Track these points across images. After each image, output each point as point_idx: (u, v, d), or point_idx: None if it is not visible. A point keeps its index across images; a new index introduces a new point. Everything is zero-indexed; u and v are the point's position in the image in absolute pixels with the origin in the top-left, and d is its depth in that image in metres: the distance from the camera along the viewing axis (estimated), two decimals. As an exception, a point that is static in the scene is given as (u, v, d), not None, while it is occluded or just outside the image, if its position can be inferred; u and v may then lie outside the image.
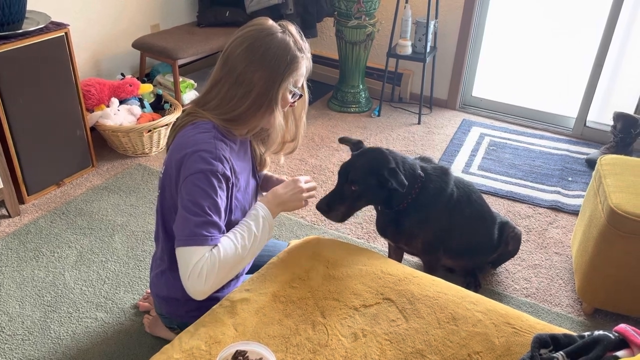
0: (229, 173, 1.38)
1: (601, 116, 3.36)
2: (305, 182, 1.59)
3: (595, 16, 3.20)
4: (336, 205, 1.71)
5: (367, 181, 1.68)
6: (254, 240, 1.41)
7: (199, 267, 1.29)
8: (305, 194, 1.57)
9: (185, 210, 1.32)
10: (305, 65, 1.44)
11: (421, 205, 1.77)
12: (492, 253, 2.10)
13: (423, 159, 1.89)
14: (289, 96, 1.45)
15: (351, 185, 1.69)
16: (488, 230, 2.01)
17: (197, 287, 1.30)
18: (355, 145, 1.82)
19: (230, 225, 1.45)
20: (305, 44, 1.44)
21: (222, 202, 1.36)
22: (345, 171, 1.72)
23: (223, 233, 1.36)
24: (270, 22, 1.43)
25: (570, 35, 3.41)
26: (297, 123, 1.61)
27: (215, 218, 1.33)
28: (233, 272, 1.37)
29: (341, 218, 1.74)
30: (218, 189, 1.34)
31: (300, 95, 1.49)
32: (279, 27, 1.41)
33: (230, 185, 1.41)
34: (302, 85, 1.51)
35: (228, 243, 1.36)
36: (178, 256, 1.33)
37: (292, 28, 1.44)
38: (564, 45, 3.45)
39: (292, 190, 1.54)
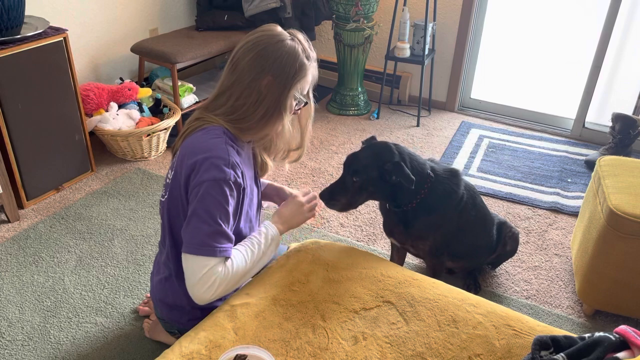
0: (240, 180, 1.39)
1: (600, 117, 3.37)
2: (304, 195, 1.62)
3: (592, 17, 3.21)
4: (338, 196, 1.71)
5: (368, 173, 1.67)
6: (261, 257, 1.46)
7: (212, 278, 1.32)
8: (306, 207, 1.61)
9: (196, 217, 1.33)
10: (311, 73, 1.45)
11: (431, 206, 1.76)
12: (490, 254, 2.10)
13: (432, 160, 1.88)
14: (294, 103, 1.45)
15: (352, 176, 1.68)
16: (488, 232, 2.01)
17: (205, 295, 1.34)
18: (367, 140, 1.83)
19: (235, 233, 1.46)
20: (312, 53, 1.45)
21: (232, 210, 1.37)
22: (348, 162, 1.72)
23: (232, 242, 1.37)
24: (279, 28, 1.44)
25: (568, 36, 3.42)
26: (302, 131, 1.61)
27: (226, 228, 1.35)
28: (237, 285, 1.41)
29: (341, 208, 1.75)
30: (229, 197, 1.35)
31: (306, 103, 1.49)
32: (287, 34, 1.42)
33: (242, 191, 1.42)
34: (308, 93, 1.52)
35: (240, 259, 1.39)
36: (185, 262, 1.35)
37: (300, 36, 1.45)
38: (562, 47, 3.46)
39: (294, 207, 1.60)
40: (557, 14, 3.40)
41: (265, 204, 1.78)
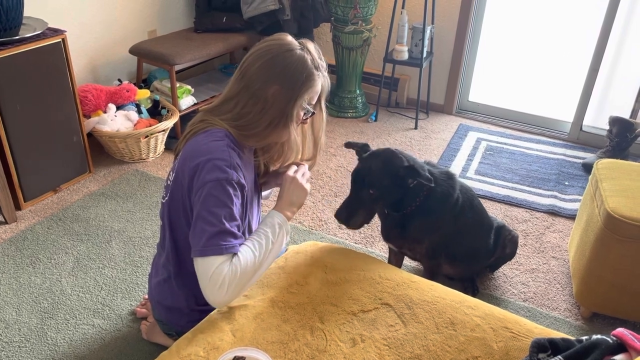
0: (243, 181, 1.38)
1: (597, 120, 3.38)
2: (295, 172, 1.55)
3: (590, 21, 3.22)
4: (356, 212, 1.69)
5: (384, 183, 1.67)
6: (271, 248, 1.41)
7: (220, 277, 1.28)
8: (300, 180, 1.54)
9: (201, 220, 1.31)
10: (320, 83, 1.44)
11: (428, 209, 1.76)
12: (489, 258, 2.10)
13: (428, 163, 1.88)
14: (302, 113, 1.45)
15: (369, 189, 1.66)
16: (486, 235, 2.02)
17: (217, 297, 1.30)
18: (361, 148, 1.81)
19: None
20: (322, 63, 1.44)
21: (237, 210, 1.36)
22: (359, 176, 1.69)
23: (240, 239, 1.35)
24: (290, 37, 1.43)
25: (565, 39, 3.43)
26: (315, 142, 1.60)
27: (230, 227, 1.32)
28: (252, 281, 1.37)
29: (360, 225, 1.73)
30: (234, 197, 1.34)
31: (313, 113, 1.49)
32: (297, 44, 1.42)
33: (245, 194, 1.41)
34: (320, 104, 1.51)
35: (248, 252, 1.35)
36: (196, 266, 1.32)
37: (311, 45, 1.44)
38: (559, 50, 3.47)
39: (288, 186, 1.52)
40: (555, 17, 3.41)
41: (265, 192, 1.76)
